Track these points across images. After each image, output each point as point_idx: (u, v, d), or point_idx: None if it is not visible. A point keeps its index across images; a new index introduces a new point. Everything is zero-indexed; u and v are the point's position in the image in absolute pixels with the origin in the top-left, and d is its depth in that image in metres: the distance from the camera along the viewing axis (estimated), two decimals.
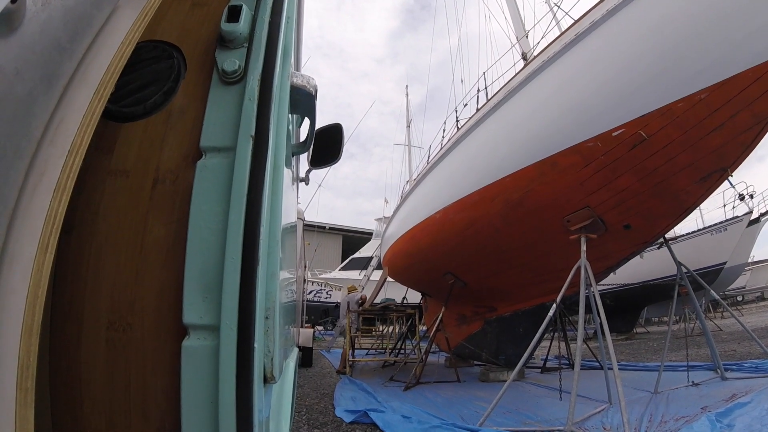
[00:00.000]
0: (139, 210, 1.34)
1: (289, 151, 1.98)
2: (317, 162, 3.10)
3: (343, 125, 3.07)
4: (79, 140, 1.11)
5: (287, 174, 1.88)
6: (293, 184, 2.64)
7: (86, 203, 1.33)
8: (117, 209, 1.34)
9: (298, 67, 2.88)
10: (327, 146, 3.05)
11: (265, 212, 1.27)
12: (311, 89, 1.86)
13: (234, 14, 1.47)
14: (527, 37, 12.30)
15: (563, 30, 7.54)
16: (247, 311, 1.17)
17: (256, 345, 1.18)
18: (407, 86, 41.03)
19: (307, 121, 2.19)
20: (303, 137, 2.43)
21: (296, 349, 2.80)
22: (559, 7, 11.70)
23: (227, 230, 1.23)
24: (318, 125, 2.58)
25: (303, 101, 1.88)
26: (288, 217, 1.96)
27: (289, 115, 1.85)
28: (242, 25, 1.46)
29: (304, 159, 3.17)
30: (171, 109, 1.44)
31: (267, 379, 1.32)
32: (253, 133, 1.32)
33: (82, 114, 1.13)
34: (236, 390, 1.14)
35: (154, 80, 1.46)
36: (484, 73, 10.35)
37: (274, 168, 1.40)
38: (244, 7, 1.49)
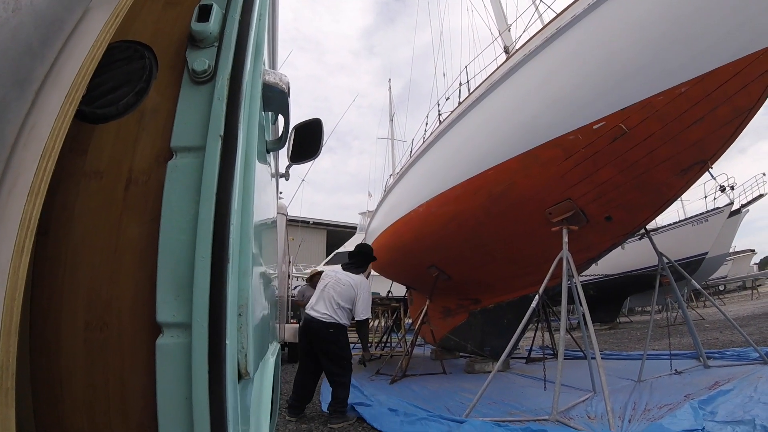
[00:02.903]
0: (114, 211, 1.35)
1: (263, 148, 1.99)
2: (297, 157, 3.09)
3: (322, 119, 3.06)
4: (52, 144, 1.12)
5: (262, 171, 1.89)
6: (272, 179, 2.65)
7: (62, 205, 1.35)
8: (92, 210, 1.36)
9: (274, 64, 2.87)
10: (307, 141, 3.06)
11: (235, 211, 1.29)
12: (284, 86, 1.87)
13: (204, 13, 1.48)
14: (509, 30, 12.32)
15: (545, 23, 7.56)
16: (218, 309, 1.20)
17: (228, 342, 1.21)
18: (390, 79, 40.87)
19: (282, 118, 2.19)
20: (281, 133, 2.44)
21: (278, 345, 2.80)
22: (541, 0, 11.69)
23: (197, 229, 1.25)
24: (296, 119, 2.57)
25: (276, 99, 1.89)
26: (263, 213, 1.98)
27: (263, 113, 1.87)
28: (212, 24, 1.47)
29: (284, 154, 3.17)
30: (143, 109, 1.45)
31: (241, 375, 1.35)
32: (222, 133, 1.34)
33: (54, 117, 1.14)
34: (209, 386, 1.17)
35: (126, 81, 1.47)
36: (466, 66, 10.35)
37: (245, 166, 1.42)
38: (215, 6, 1.50)
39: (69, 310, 1.29)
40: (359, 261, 7.53)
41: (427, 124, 12.21)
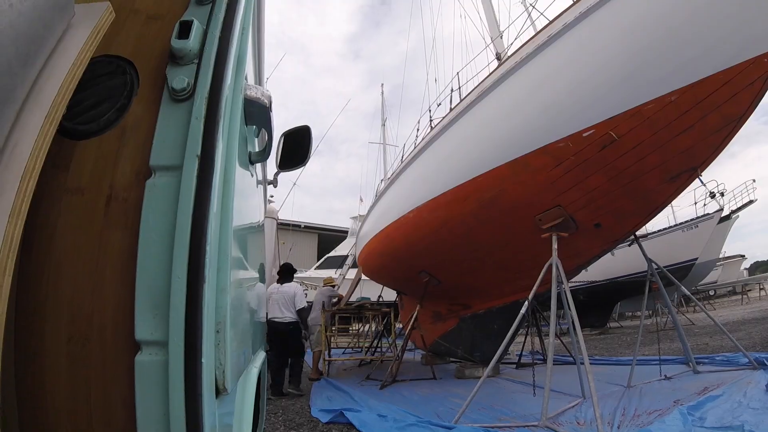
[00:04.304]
0: (95, 227, 1.36)
1: (246, 160, 1.99)
2: (285, 165, 3.08)
3: (309, 121, 3.06)
4: (33, 164, 1.13)
5: (245, 184, 1.90)
6: (257, 189, 2.64)
7: (44, 221, 1.36)
8: (73, 227, 1.37)
9: (260, 75, 2.86)
10: (295, 148, 3.05)
11: (211, 231, 1.30)
12: (265, 101, 1.87)
13: (185, 30, 1.48)
14: (501, 37, 12.36)
15: (537, 30, 7.59)
16: (194, 328, 1.22)
17: (204, 360, 1.23)
18: (383, 84, 40.68)
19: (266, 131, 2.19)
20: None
21: (263, 354, 2.78)
22: (534, 7, 11.72)
23: (173, 250, 1.27)
24: (284, 122, 2.56)
25: (257, 113, 1.89)
26: (245, 227, 1.99)
27: (246, 126, 1.87)
28: (192, 41, 1.47)
29: (272, 160, 3.15)
30: (124, 125, 1.46)
31: (219, 391, 1.36)
32: (199, 153, 1.35)
33: (35, 137, 1.14)
34: (185, 403, 1.19)
35: (108, 97, 1.47)
36: (458, 72, 10.40)
37: (223, 183, 1.43)
38: (195, 22, 1.50)
39: (52, 325, 1.31)
40: (286, 276, 10.58)
41: (418, 129, 12.24)
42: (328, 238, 44.67)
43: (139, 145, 1.43)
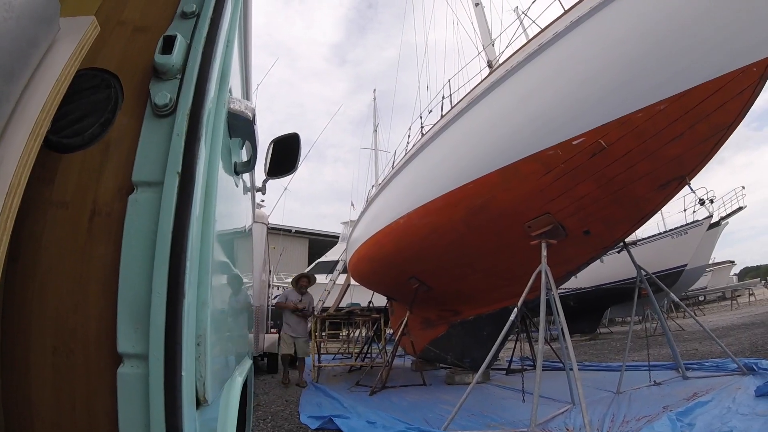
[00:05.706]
0: (78, 241, 1.37)
1: (231, 171, 2.00)
2: (274, 172, 3.11)
3: (295, 125, 3.08)
4: (18, 180, 1.13)
5: (228, 196, 1.91)
6: (244, 197, 2.65)
7: (30, 233, 1.37)
8: (58, 240, 1.38)
9: (247, 87, 2.87)
10: (284, 156, 3.07)
11: (191, 246, 1.31)
12: (249, 114, 1.88)
13: (169, 44, 1.49)
14: (493, 45, 12.40)
15: (529, 39, 7.61)
16: (173, 342, 1.24)
17: (184, 373, 1.25)
18: (375, 90, 40.49)
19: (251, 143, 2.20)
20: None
21: (250, 362, 2.78)
22: (525, 15, 11.76)
23: (153, 265, 1.28)
24: (271, 125, 2.57)
25: (241, 126, 1.91)
26: (229, 239, 2.01)
27: (231, 139, 1.88)
28: (175, 56, 1.48)
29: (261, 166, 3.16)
30: (108, 140, 1.46)
31: (200, 402, 1.38)
32: (179, 170, 1.36)
33: (19, 154, 1.15)
34: (165, 415, 1.21)
35: (92, 111, 1.48)
36: (449, 80, 10.40)
37: (205, 198, 1.44)
38: (179, 37, 1.51)
39: (37, 336, 1.31)
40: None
41: (409, 136, 12.24)
42: (318, 243, 44.52)
43: (122, 160, 1.44)
